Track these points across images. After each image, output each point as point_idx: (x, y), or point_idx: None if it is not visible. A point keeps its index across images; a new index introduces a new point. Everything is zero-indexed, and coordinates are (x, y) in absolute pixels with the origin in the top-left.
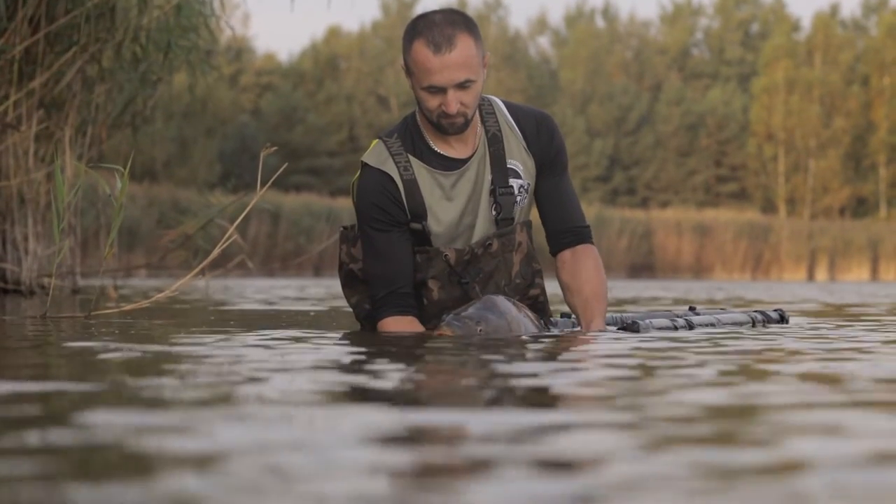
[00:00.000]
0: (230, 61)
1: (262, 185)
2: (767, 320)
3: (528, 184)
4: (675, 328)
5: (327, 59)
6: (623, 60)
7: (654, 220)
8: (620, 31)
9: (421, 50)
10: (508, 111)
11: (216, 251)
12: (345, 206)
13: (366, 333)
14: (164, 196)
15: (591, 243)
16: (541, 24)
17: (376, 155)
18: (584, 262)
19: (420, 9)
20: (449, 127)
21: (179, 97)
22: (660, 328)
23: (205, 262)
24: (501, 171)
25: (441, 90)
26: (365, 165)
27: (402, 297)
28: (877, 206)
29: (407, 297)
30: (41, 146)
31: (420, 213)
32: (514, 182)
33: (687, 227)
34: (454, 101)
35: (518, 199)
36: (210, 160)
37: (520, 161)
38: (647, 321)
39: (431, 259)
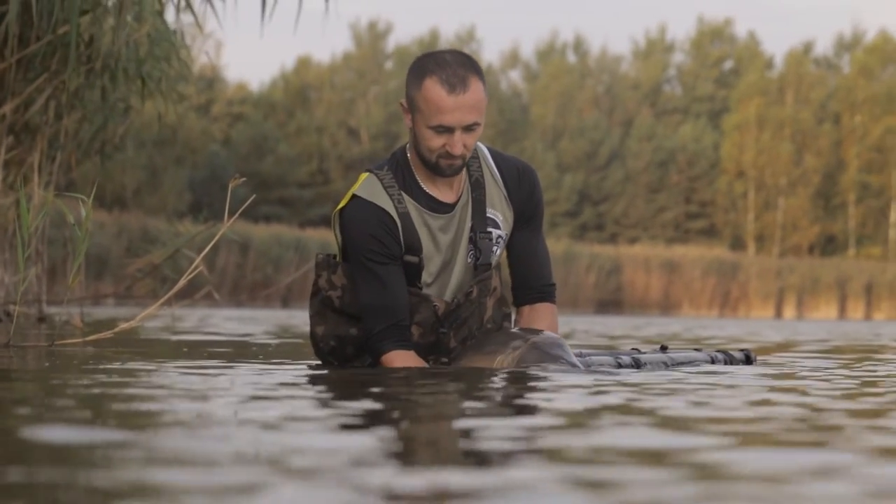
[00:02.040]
0: (202, 90)
1: (230, 215)
2: (730, 361)
3: (506, 235)
4: (619, 366)
5: (297, 89)
6: (594, 95)
7: (622, 255)
8: (592, 65)
9: (434, 88)
10: (493, 159)
11: (181, 283)
12: (314, 237)
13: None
14: (134, 224)
15: (553, 302)
16: (513, 58)
17: (369, 188)
18: (541, 316)
19: (392, 42)
20: (447, 168)
21: (150, 125)
22: (601, 365)
23: (168, 295)
24: (482, 217)
25: (449, 130)
26: (356, 198)
27: (402, 331)
28: (846, 245)
29: (406, 330)
30: (10, 173)
31: (416, 246)
32: (492, 231)
33: (655, 264)
34: (459, 143)
35: (495, 248)
36: (180, 189)
37: (500, 212)
38: (587, 357)
39: (419, 304)
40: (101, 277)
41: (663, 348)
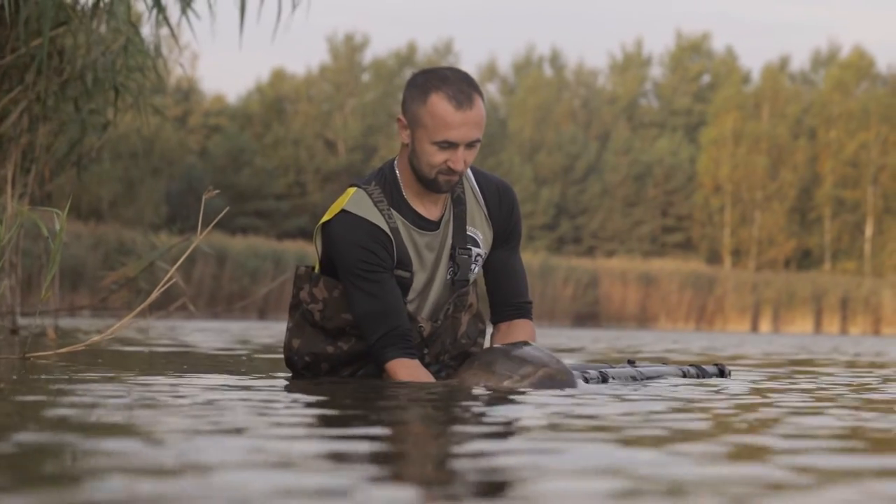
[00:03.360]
0: (178, 102)
1: (204, 228)
2: (702, 375)
3: (484, 254)
4: (586, 380)
5: (272, 101)
6: (571, 109)
7: (599, 269)
8: (569, 79)
9: (441, 104)
10: (474, 177)
11: (154, 294)
12: (291, 249)
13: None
14: (110, 236)
15: (530, 318)
16: (490, 71)
17: (358, 202)
18: (519, 332)
19: (369, 55)
20: (444, 184)
21: (126, 137)
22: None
23: (142, 306)
24: (462, 234)
25: (453, 146)
26: (346, 213)
27: (404, 338)
28: (822, 260)
29: (408, 337)
30: None
31: (406, 261)
32: (471, 248)
33: (632, 277)
34: (461, 160)
35: (473, 266)
36: (156, 201)
37: (479, 230)
38: None
39: None
40: (76, 289)
41: (630, 363)
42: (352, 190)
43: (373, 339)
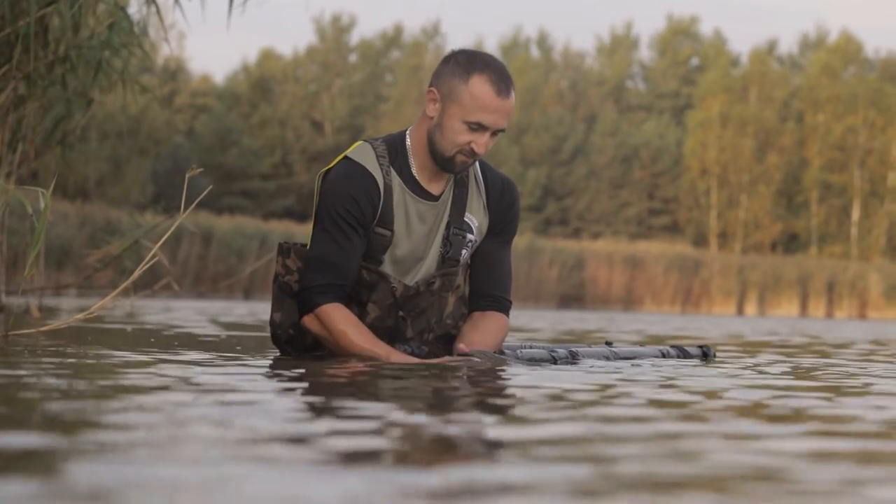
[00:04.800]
0: (165, 81)
1: (187, 207)
2: (684, 356)
3: (476, 241)
4: (554, 360)
5: (259, 81)
6: (558, 91)
7: (585, 250)
8: (556, 61)
9: (484, 86)
10: (480, 168)
11: (136, 273)
12: (277, 229)
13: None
14: (97, 215)
15: (507, 315)
16: None
17: (361, 153)
18: (490, 322)
19: (356, 36)
20: (459, 165)
21: (113, 116)
22: (531, 359)
23: (124, 285)
24: (459, 214)
25: (482, 129)
26: (347, 159)
27: (344, 297)
28: (808, 243)
29: (346, 296)
30: None
31: (389, 220)
32: (466, 233)
33: (618, 259)
34: (486, 144)
35: (464, 250)
36: (143, 180)
37: (476, 217)
38: (519, 351)
39: (377, 283)
40: (63, 268)
41: (608, 344)
42: (359, 143)
43: (310, 284)
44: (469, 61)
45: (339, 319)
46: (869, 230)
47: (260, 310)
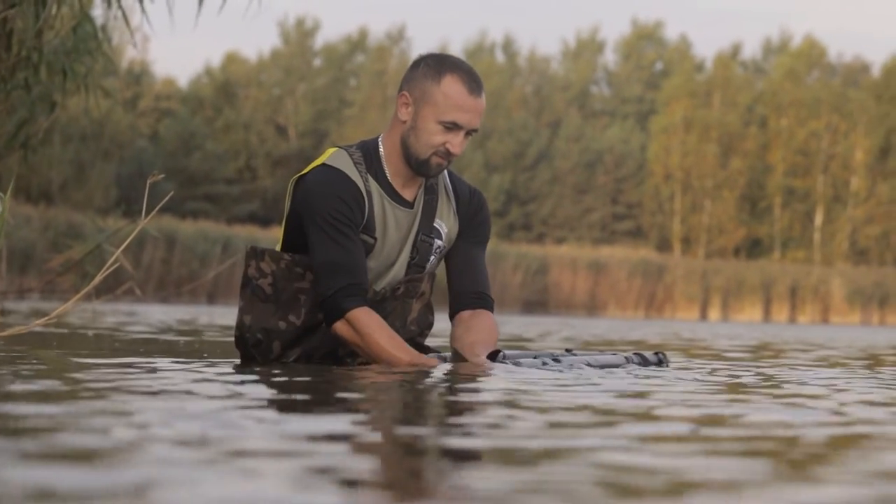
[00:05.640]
0: (129, 85)
1: (149, 212)
2: (644, 363)
3: (445, 247)
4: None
5: (222, 85)
6: (523, 96)
7: (549, 255)
8: (521, 65)
9: (456, 85)
10: (448, 175)
11: (97, 279)
12: (241, 234)
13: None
14: (60, 219)
15: (492, 312)
16: None
17: (338, 159)
18: (481, 320)
19: (320, 39)
20: (435, 167)
21: (77, 120)
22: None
23: (86, 289)
24: (429, 221)
25: (457, 128)
26: (325, 166)
27: (365, 292)
28: (771, 248)
29: (366, 294)
30: None
31: (372, 227)
32: (434, 239)
33: (582, 264)
34: (461, 144)
35: (432, 256)
36: (107, 184)
37: (446, 223)
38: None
39: None
40: (25, 272)
41: (568, 351)
42: (333, 149)
43: (331, 290)
44: (439, 63)
45: (372, 324)
46: (832, 235)
47: (222, 314)
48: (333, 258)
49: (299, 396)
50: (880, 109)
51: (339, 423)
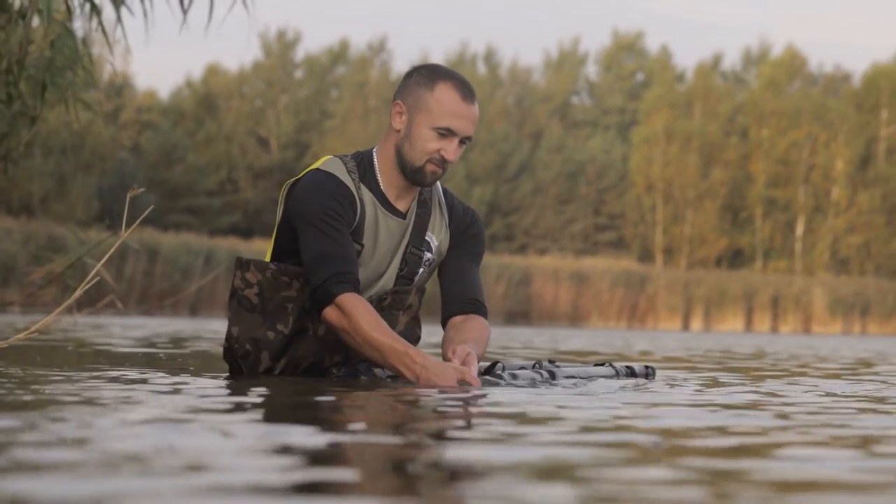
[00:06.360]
0: (110, 97)
1: (129, 225)
2: (632, 374)
3: (435, 261)
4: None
5: (204, 97)
6: (504, 107)
7: (532, 266)
8: (503, 77)
9: (449, 92)
10: (443, 191)
11: (78, 292)
12: (223, 246)
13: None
14: (41, 231)
15: (486, 318)
16: None
17: (332, 165)
18: (473, 323)
19: (302, 51)
20: (430, 175)
21: (57, 132)
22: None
23: (67, 303)
24: (420, 234)
25: (451, 135)
26: (320, 171)
27: (357, 282)
28: (753, 258)
29: (356, 283)
30: None
31: (360, 233)
32: (424, 252)
33: (564, 275)
34: (456, 151)
35: (421, 269)
36: (88, 196)
37: (437, 237)
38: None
39: None
40: (6, 285)
41: (551, 362)
42: (326, 157)
43: (321, 279)
44: (432, 71)
45: (361, 310)
46: (813, 245)
47: (205, 327)
48: (324, 250)
49: (273, 407)
50: (861, 119)
51: (317, 436)
